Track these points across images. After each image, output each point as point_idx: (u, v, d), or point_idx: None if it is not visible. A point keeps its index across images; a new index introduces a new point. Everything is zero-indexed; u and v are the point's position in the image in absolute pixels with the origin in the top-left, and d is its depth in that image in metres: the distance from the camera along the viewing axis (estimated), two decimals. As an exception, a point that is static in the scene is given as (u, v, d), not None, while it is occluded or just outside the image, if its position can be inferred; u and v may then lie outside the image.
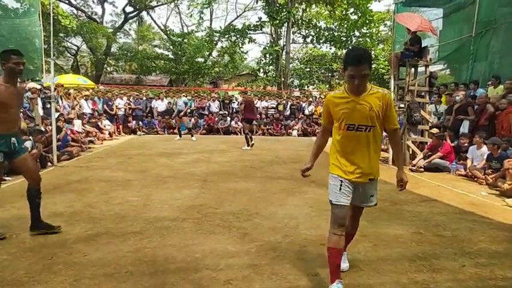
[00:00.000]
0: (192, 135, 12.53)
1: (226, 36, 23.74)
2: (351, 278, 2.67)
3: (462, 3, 11.25)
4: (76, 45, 28.01)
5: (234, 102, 16.61)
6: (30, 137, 6.95)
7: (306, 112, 16.46)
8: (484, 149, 6.79)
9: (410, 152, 8.12)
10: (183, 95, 14.61)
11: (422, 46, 8.44)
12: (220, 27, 24.92)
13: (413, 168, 7.44)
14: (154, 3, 28.07)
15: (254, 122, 15.09)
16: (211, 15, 30.27)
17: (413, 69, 8.37)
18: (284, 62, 22.58)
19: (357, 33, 22.70)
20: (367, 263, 2.95)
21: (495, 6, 10.12)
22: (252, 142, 10.45)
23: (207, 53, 26.47)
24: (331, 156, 2.52)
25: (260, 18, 23.06)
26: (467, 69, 10.99)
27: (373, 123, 2.37)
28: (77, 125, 10.52)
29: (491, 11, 10.24)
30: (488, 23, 10.15)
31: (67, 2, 25.66)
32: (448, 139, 7.88)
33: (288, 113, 16.75)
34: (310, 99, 18.16)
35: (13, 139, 3.31)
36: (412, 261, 2.99)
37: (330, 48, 25.38)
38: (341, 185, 2.39)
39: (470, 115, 8.25)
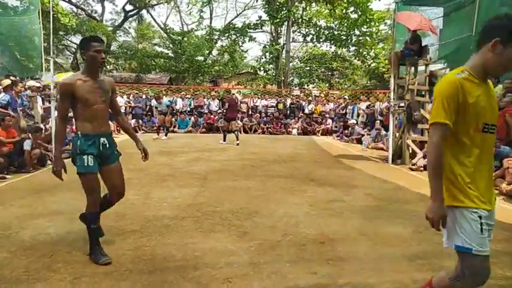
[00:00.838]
0: (165, 135, 12.55)
1: (226, 34, 23.76)
2: (351, 277, 2.67)
3: (462, 2, 11.22)
4: (76, 44, 27.89)
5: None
6: (29, 134, 6.95)
7: (306, 111, 16.46)
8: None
9: (410, 151, 8.12)
10: (165, 96, 14.85)
11: (423, 45, 8.44)
12: (221, 25, 24.95)
13: (413, 167, 7.44)
14: (154, 2, 28.02)
15: (247, 121, 15.23)
16: (211, 14, 30.22)
17: (413, 68, 8.37)
18: (284, 60, 22.57)
19: (357, 32, 22.68)
20: (366, 262, 2.94)
21: (495, 5, 10.10)
22: (234, 141, 10.59)
23: (207, 51, 26.44)
24: (456, 177, 1.67)
25: (260, 17, 23.08)
26: (467, 68, 10.99)
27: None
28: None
29: (491, 10, 10.21)
30: (489, 22, 10.15)
31: (67, 0, 25.64)
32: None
33: (287, 106, 16.78)
34: (310, 98, 18.17)
35: (102, 139, 2.88)
36: (412, 260, 2.99)
37: (330, 47, 25.40)
38: (481, 224, 1.63)
39: (470, 114, 8.25)
